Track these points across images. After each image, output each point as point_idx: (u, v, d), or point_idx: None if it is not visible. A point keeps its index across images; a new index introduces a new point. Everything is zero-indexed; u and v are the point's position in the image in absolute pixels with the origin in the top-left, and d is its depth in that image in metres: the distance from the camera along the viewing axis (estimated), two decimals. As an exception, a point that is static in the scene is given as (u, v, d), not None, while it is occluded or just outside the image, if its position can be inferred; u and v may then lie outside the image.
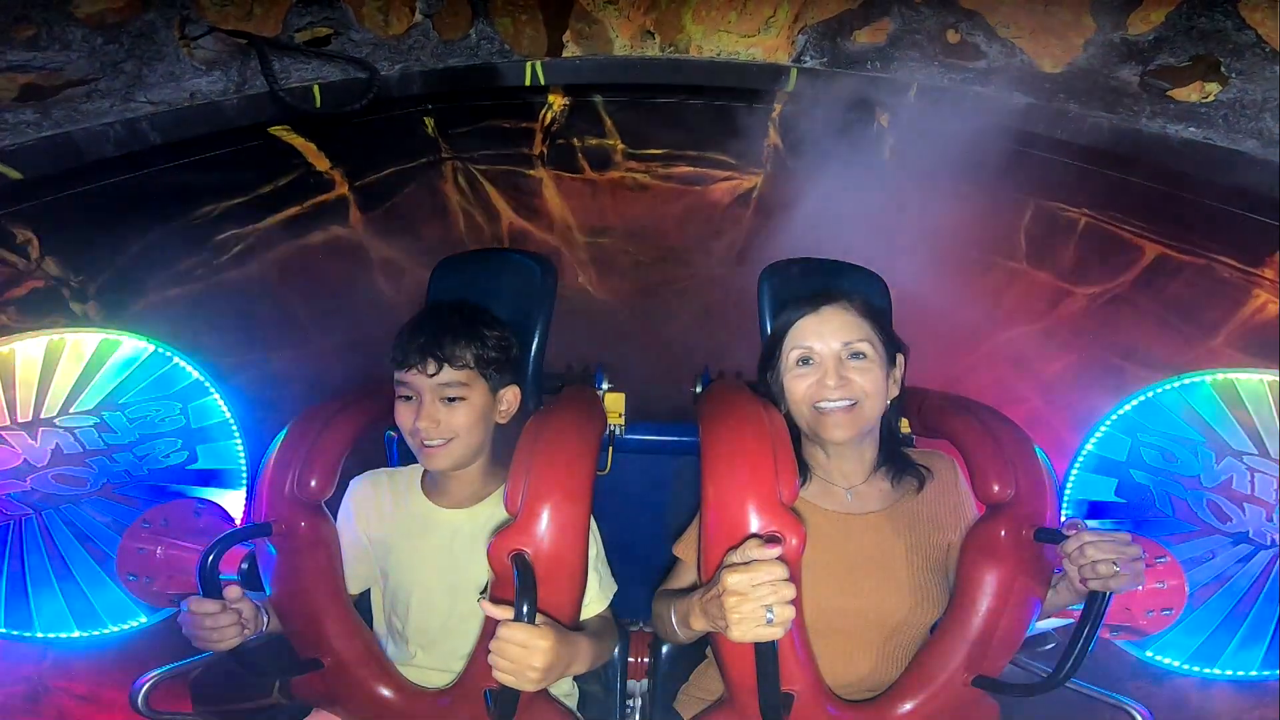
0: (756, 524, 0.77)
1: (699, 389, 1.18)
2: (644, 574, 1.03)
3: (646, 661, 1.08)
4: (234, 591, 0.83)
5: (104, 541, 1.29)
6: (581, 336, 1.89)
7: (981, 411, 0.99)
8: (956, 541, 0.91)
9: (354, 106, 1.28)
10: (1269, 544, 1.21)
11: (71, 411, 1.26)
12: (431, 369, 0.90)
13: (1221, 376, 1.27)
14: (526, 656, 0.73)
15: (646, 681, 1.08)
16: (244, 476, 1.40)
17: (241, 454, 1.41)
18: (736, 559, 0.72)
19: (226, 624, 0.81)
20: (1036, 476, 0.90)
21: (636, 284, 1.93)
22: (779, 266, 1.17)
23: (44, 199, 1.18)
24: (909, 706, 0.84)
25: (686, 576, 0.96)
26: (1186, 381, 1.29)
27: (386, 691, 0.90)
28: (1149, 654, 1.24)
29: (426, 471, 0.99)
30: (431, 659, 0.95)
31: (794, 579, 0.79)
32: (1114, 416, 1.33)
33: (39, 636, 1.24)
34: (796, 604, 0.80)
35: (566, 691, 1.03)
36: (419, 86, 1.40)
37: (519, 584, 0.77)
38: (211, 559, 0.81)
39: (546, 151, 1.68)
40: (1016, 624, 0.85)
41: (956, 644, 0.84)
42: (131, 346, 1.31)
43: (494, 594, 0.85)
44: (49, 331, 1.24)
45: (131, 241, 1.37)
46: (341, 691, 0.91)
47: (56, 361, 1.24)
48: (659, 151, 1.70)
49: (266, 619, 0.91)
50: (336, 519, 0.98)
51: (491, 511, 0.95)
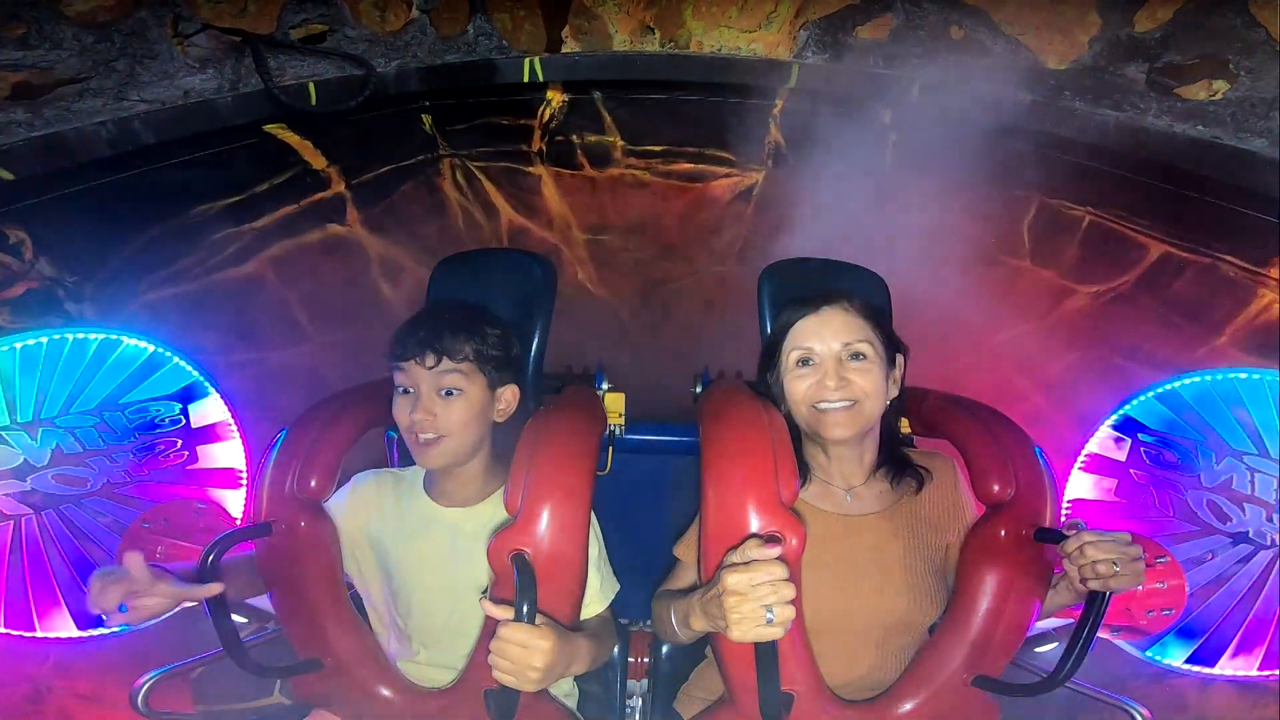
0: (756, 524, 0.77)
1: (699, 389, 1.17)
2: (644, 574, 1.03)
3: (646, 661, 1.08)
4: (135, 559, 0.77)
5: (104, 541, 1.29)
6: (581, 334, 1.88)
7: (981, 411, 0.99)
8: (956, 543, 0.91)
9: (350, 104, 1.27)
10: (1269, 544, 1.22)
11: (71, 411, 1.25)
12: (430, 361, 0.90)
13: (1221, 376, 1.27)
14: (527, 657, 0.73)
15: (646, 681, 1.08)
16: (244, 476, 1.40)
17: (241, 454, 1.41)
18: (736, 559, 0.72)
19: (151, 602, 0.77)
20: (1036, 476, 0.90)
21: (636, 281, 1.92)
22: (778, 267, 1.17)
23: (37, 199, 1.17)
24: (909, 706, 0.84)
25: (686, 577, 0.96)
26: (1187, 381, 1.29)
27: (386, 691, 0.90)
28: (1149, 654, 1.24)
29: (428, 471, 0.99)
30: (434, 657, 0.95)
31: (794, 579, 0.80)
32: (1114, 416, 1.33)
33: (39, 636, 1.24)
34: (796, 604, 0.81)
35: (566, 691, 1.03)
36: (416, 83, 1.38)
37: (519, 584, 0.76)
38: (211, 559, 0.81)
39: (545, 148, 1.66)
40: (1016, 624, 0.85)
41: (956, 644, 0.84)
42: (131, 346, 1.31)
43: (494, 594, 0.85)
44: (49, 331, 1.24)
45: (126, 241, 1.36)
46: (341, 691, 0.91)
47: (57, 361, 1.24)
48: (659, 148, 1.68)
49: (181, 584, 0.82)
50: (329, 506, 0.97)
51: (493, 511, 0.95)
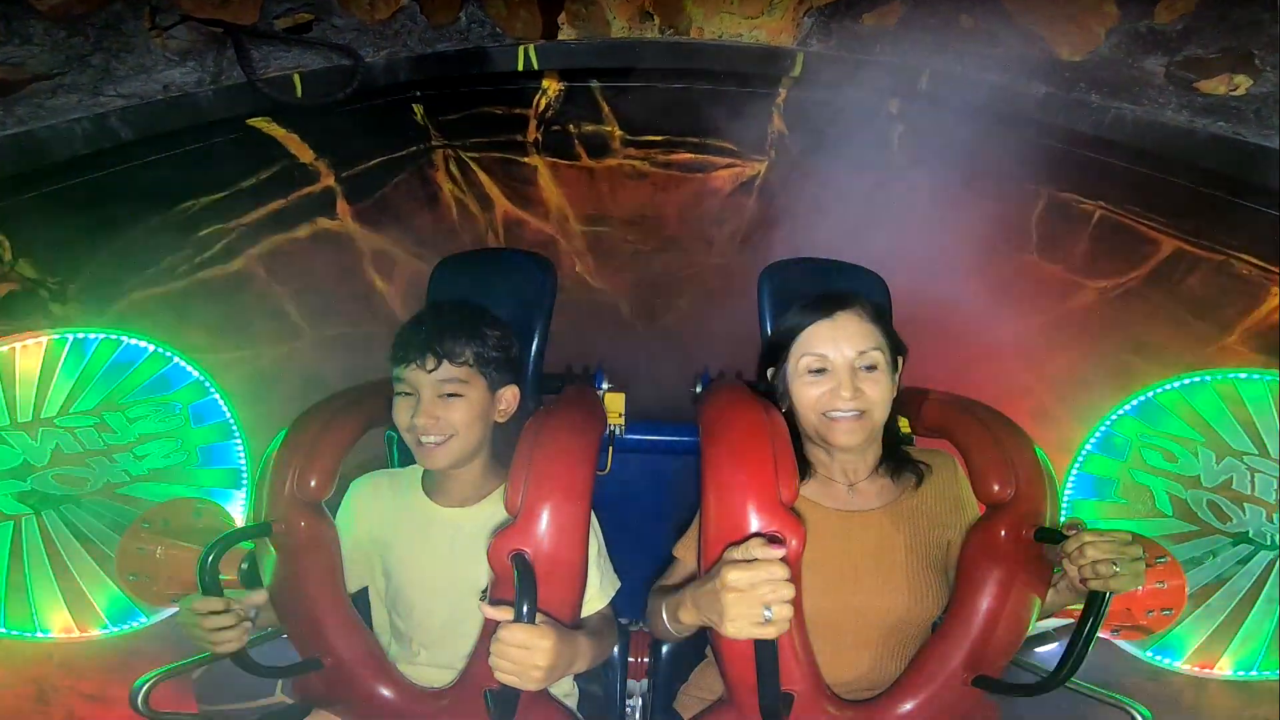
0: (756, 524, 0.77)
1: (699, 389, 1.16)
2: (644, 574, 1.03)
3: (646, 661, 1.08)
4: (220, 601, 0.81)
5: (104, 541, 1.30)
6: (580, 327, 1.87)
7: (981, 411, 0.98)
8: (956, 539, 0.91)
9: (338, 95, 1.23)
10: (1269, 544, 1.21)
11: (71, 411, 1.25)
12: (431, 365, 0.89)
13: (1221, 376, 1.26)
14: (528, 657, 0.73)
15: (646, 681, 1.09)
16: (244, 476, 1.40)
17: (241, 454, 1.40)
18: (738, 555, 0.72)
19: (225, 624, 0.80)
20: (1036, 476, 0.90)
21: (635, 274, 1.89)
22: (779, 266, 1.16)
23: (12, 199, 1.14)
24: (909, 706, 0.84)
25: (683, 576, 0.96)
26: (1187, 381, 1.29)
27: (386, 691, 0.90)
28: (1149, 654, 1.25)
29: (427, 471, 0.99)
30: (434, 658, 0.95)
31: (794, 579, 0.79)
32: (1114, 416, 1.33)
33: (39, 636, 1.25)
34: (796, 604, 0.81)
35: (566, 691, 1.04)
36: (406, 73, 1.33)
37: (519, 584, 0.76)
38: (211, 559, 0.81)
39: (541, 138, 1.63)
40: (1016, 624, 0.84)
41: (956, 644, 0.84)
42: (131, 347, 1.31)
43: (494, 594, 0.85)
44: (49, 331, 1.24)
45: (109, 240, 1.33)
46: (341, 691, 0.91)
47: (56, 361, 1.24)
48: (658, 138, 1.64)
49: (256, 611, 0.90)
50: (336, 518, 0.97)
51: (492, 510, 0.95)
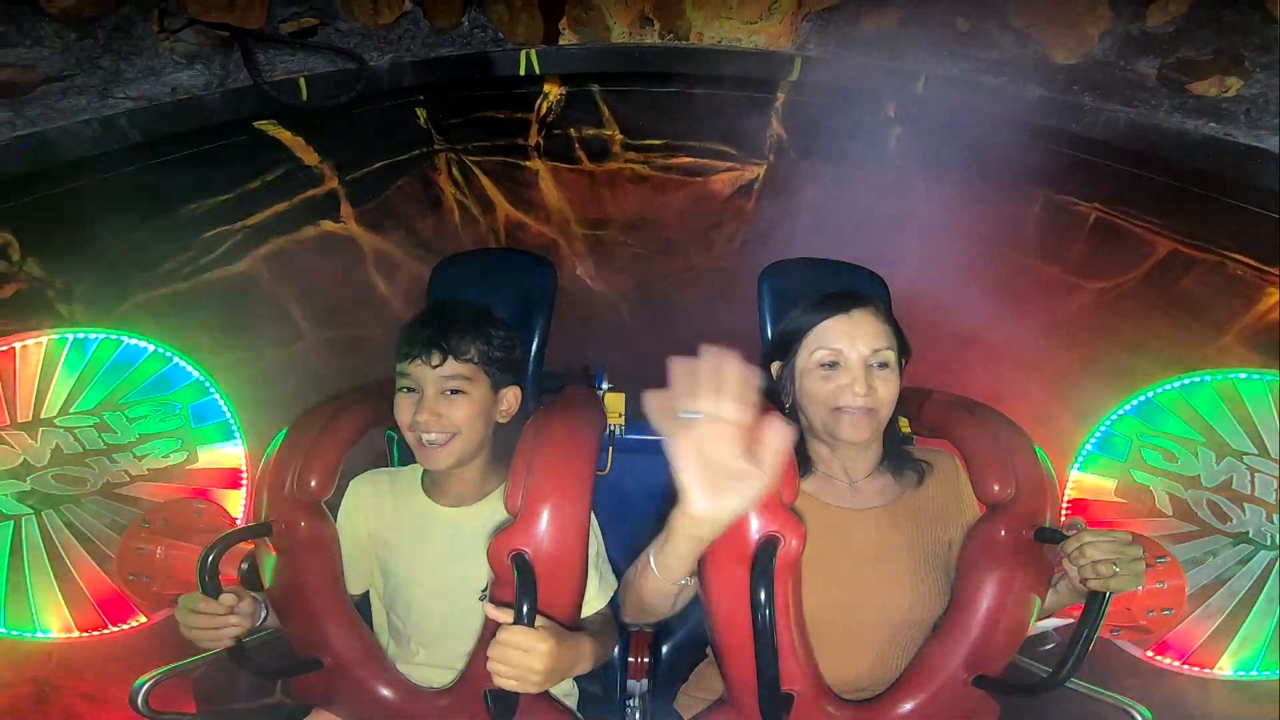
0: (756, 524, 0.77)
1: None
2: (643, 574, 1.02)
3: (646, 661, 1.08)
4: (230, 598, 0.82)
5: (104, 541, 1.30)
6: (580, 330, 1.87)
7: (981, 411, 0.98)
8: (958, 538, 0.91)
9: (342, 99, 1.25)
10: (1269, 544, 1.21)
11: (71, 411, 1.25)
12: (436, 360, 0.90)
13: (1221, 377, 1.27)
14: (527, 660, 0.73)
15: (646, 681, 1.09)
16: (244, 476, 1.40)
17: (241, 454, 1.40)
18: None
19: (223, 624, 0.81)
20: (1036, 476, 0.90)
21: (636, 276, 1.90)
22: (780, 266, 1.16)
23: (22, 200, 1.15)
24: (909, 706, 0.84)
25: None
26: (1187, 381, 1.29)
27: (386, 691, 0.90)
28: (1149, 654, 1.25)
29: (426, 470, 0.99)
30: (433, 658, 0.95)
31: (794, 579, 0.80)
32: (1114, 416, 1.33)
33: (39, 636, 1.25)
34: (796, 603, 0.81)
35: (566, 691, 1.03)
36: (410, 77, 1.35)
37: (519, 584, 0.77)
38: (211, 559, 0.81)
39: (543, 142, 1.63)
40: (1016, 624, 0.85)
41: (956, 643, 0.84)
42: (131, 346, 1.31)
43: (494, 594, 0.85)
44: (49, 331, 1.24)
45: (116, 241, 1.34)
46: (341, 691, 0.91)
47: (56, 361, 1.24)
48: (658, 142, 1.65)
49: (265, 613, 0.91)
50: (337, 519, 0.97)
51: (492, 510, 0.95)
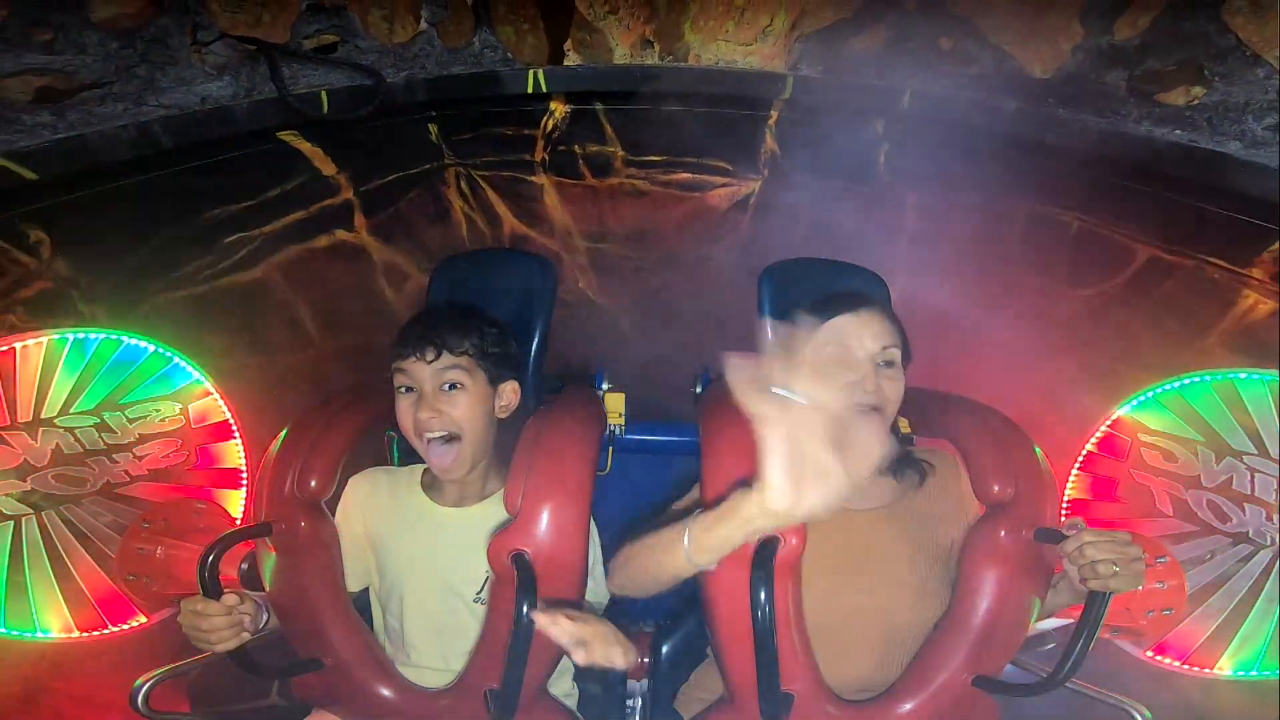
0: (756, 524, 0.78)
1: (699, 389, 1.18)
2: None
3: (646, 661, 1.07)
4: (232, 598, 0.82)
5: (104, 541, 1.29)
6: (582, 341, 1.90)
7: (981, 411, 0.99)
8: (959, 538, 0.91)
9: (360, 112, 1.31)
10: (1269, 544, 1.21)
11: (71, 411, 1.26)
12: (430, 355, 0.90)
13: (1221, 377, 1.27)
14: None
15: (646, 681, 1.08)
16: (244, 476, 1.41)
17: (241, 454, 1.41)
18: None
19: (226, 625, 0.80)
20: (1036, 476, 0.91)
21: (636, 288, 1.94)
22: (780, 266, 1.17)
23: (57, 200, 1.19)
24: (909, 706, 0.84)
25: None
26: (1186, 381, 1.29)
27: (386, 691, 0.90)
28: (1149, 654, 1.23)
29: (427, 470, 0.99)
30: (430, 658, 0.95)
31: (794, 579, 0.80)
32: (1115, 416, 1.34)
33: (39, 636, 1.24)
34: (796, 603, 0.81)
35: (566, 691, 1.03)
36: (423, 93, 1.41)
37: (519, 584, 0.77)
38: (211, 559, 0.81)
39: (548, 158, 1.69)
40: (1016, 624, 0.85)
41: (956, 644, 0.84)
42: (132, 346, 1.31)
43: (494, 594, 0.86)
44: (49, 331, 1.25)
45: (141, 243, 1.37)
46: (341, 691, 0.91)
47: (56, 361, 1.24)
48: (658, 158, 1.70)
49: (267, 616, 0.92)
50: (335, 515, 0.98)
51: (492, 512, 0.95)
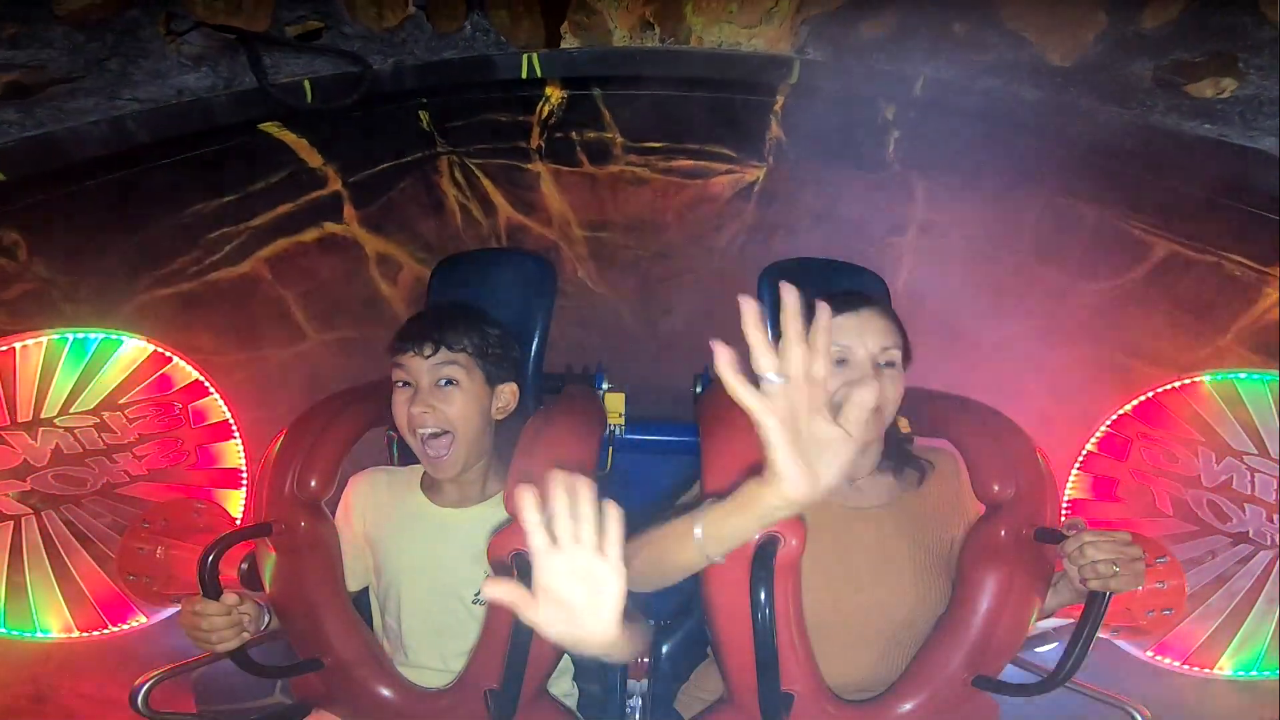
0: (756, 524, 0.77)
1: (699, 389, 1.17)
2: (644, 574, 1.02)
3: (646, 661, 1.08)
4: (233, 597, 0.82)
5: (104, 541, 1.30)
6: (581, 332, 1.88)
7: (981, 412, 0.99)
8: (959, 537, 0.91)
9: (346, 101, 1.26)
10: (1269, 544, 1.21)
11: (71, 411, 1.25)
12: (428, 351, 0.90)
13: (1221, 377, 1.27)
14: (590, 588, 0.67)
15: (646, 681, 1.09)
16: (244, 476, 1.40)
17: (241, 454, 1.41)
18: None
19: (226, 625, 0.81)
20: (1036, 476, 0.90)
21: (636, 278, 1.91)
22: (781, 266, 1.16)
23: (30, 200, 1.16)
24: (909, 706, 0.84)
25: None
26: (1187, 381, 1.29)
27: (386, 691, 0.90)
28: (1149, 654, 1.24)
29: (426, 471, 0.98)
30: (429, 658, 0.96)
31: (794, 578, 0.80)
32: (1115, 417, 1.33)
33: (39, 636, 1.25)
34: (796, 602, 0.81)
35: (566, 691, 1.03)
36: (413, 80, 1.36)
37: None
38: (211, 559, 0.81)
39: (544, 145, 1.64)
40: (1016, 624, 0.85)
41: (956, 644, 0.84)
42: (132, 346, 1.31)
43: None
44: (49, 332, 1.24)
45: (121, 241, 1.35)
46: (341, 691, 0.91)
47: (56, 361, 1.24)
48: (659, 145, 1.65)
49: (269, 618, 0.92)
50: (335, 515, 0.98)
51: (491, 512, 0.95)
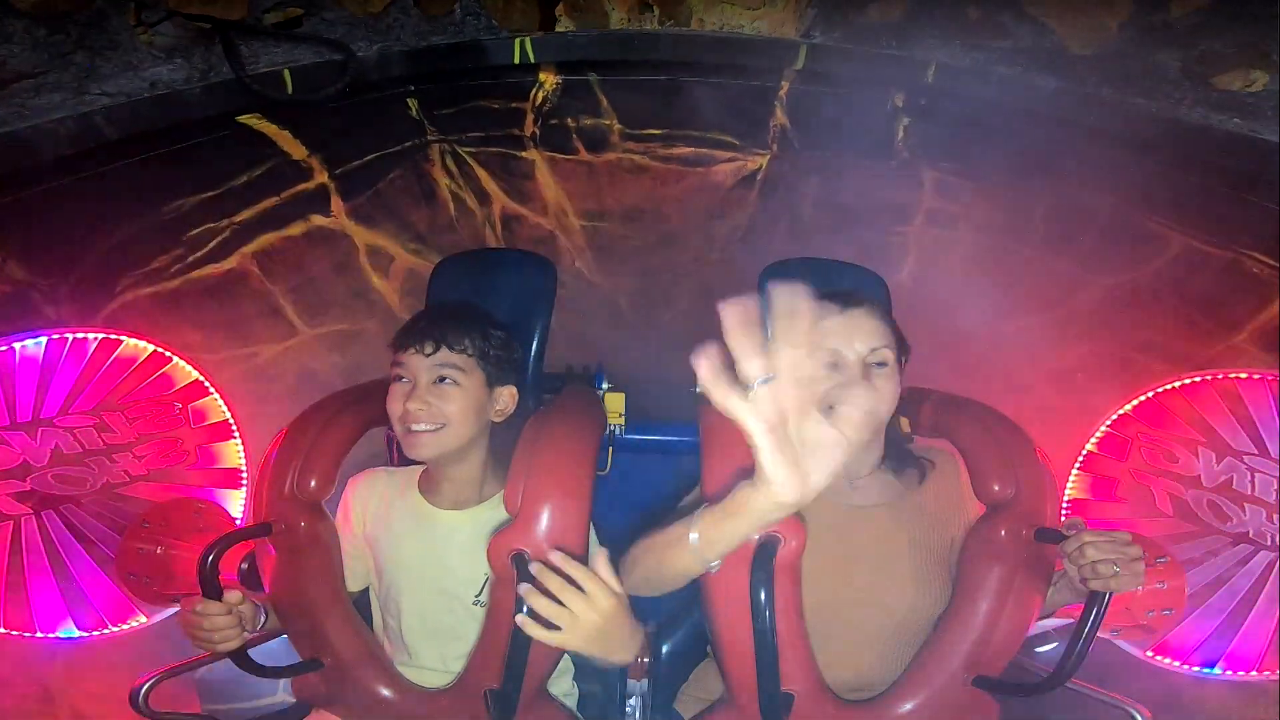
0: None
1: (699, 390, 1.15)
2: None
3: (646, 661, 1.09)
4: (235, 596, 0.82)
5: (104, 541, 1.30)
6: (580, 324, 1.85)
7: (981, 411, 0.98)
8: (960, 537, 0.91)
9: (329, 91, 1.21)
10: (1269, 544, 1.21)
11: (71, 411, 1.25)
12: (429, 349, 0.89)
13: (1222, 376, 1.26)
14: (585, 610, 0.70)
15: (646, 681, 1.10)
16: (244, 476, 1.40)
17: (241, 454, 1.40)
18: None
19: (226, 625, 0.80)
20: (1036, 476, 0.90)
21: (635, 269, 1.87)
22: (781, 266, 1.15)
23: (-1, 201, 1.12)
24: (909, 706, 0.84)
25: None
26: (1187, 381, 1.28)
27: (386, 691, 0.90)
28: (1149, 654, 1.25)
29: (425, 472, 0.99)
30: (429, 659, 0.95)
31: (794, 578, 0.80)
32: (1115, 417, 1.33)
33: (39, 636, 1.26)
34: (796, 602, 0.81)
35: (566, 691, 1.04)
36: (400, 67, 1.30)
37: (519, 584, 0.76)
38: (211, 559, 0.81)
39: (539, 132, 1.59)
40: (1016, 624, 0.85)
41: (957, 644, 0.84)
42: (132, 346, 1.30)
43: (493, 594, 0.85)
44: (49, 332, 1.23)
45: (100, 241, 1.32)
46: (341, 691, 0.91)
47: (56, 361, 1.23)
48: (658, 132, 1.60)
49: (265, 618, 0.92)
50: (335, 516, 0.97)
51: (489, 514, 0.94)
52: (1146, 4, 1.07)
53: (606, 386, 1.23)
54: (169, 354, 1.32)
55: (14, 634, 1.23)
